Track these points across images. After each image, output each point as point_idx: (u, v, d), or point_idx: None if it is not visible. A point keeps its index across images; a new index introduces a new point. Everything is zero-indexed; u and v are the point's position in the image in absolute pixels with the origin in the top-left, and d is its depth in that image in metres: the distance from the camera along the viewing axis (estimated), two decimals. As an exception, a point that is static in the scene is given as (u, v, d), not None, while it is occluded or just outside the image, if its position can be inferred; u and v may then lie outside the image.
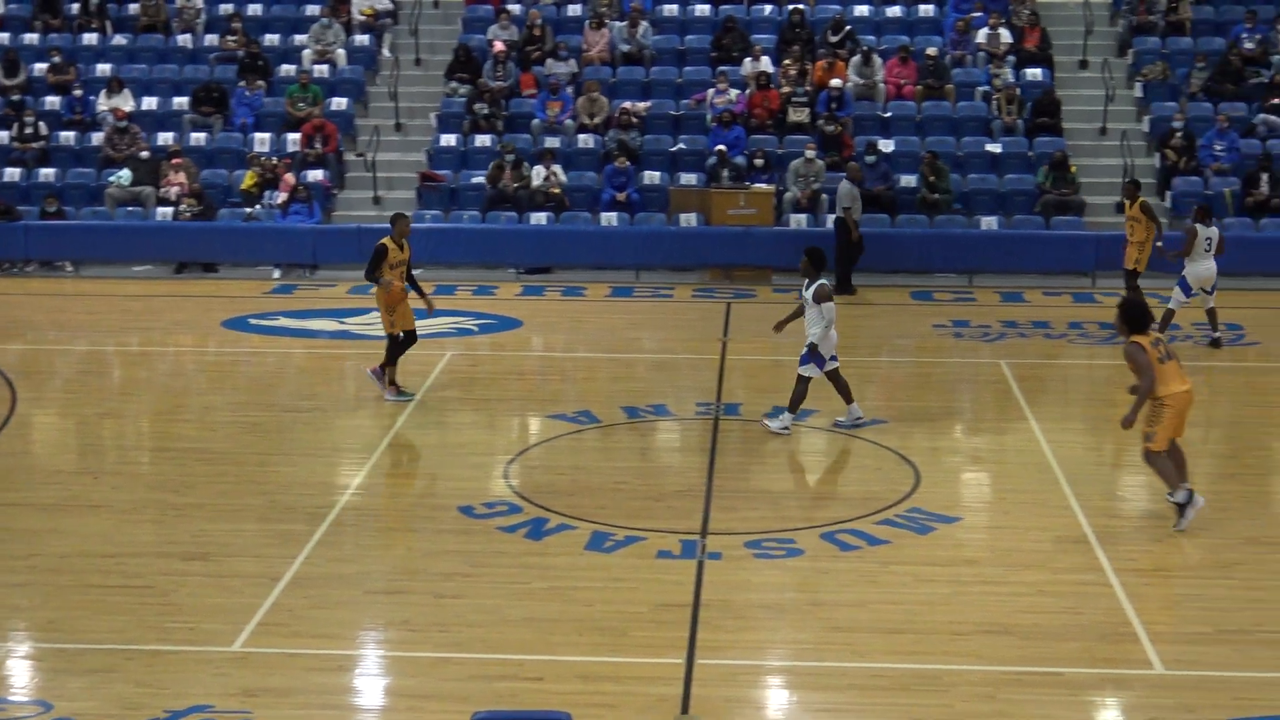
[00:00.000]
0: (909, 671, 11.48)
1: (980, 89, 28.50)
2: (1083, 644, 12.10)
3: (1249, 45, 28.59)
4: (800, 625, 12.34)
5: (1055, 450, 16.67)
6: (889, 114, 28.27)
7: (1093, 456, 16.89)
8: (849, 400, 17.34)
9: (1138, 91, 28.61)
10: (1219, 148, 26.57)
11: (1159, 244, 22.03)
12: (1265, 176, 25.70)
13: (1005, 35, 29.23)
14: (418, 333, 18.76)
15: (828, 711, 10.93)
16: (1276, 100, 27.42)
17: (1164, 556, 13.85)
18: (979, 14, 29.89)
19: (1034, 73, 28.75)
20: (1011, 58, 28.90)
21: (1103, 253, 25.00)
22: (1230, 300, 23.47)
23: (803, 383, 17.06)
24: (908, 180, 26.67)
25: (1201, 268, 20.85)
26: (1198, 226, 20.92)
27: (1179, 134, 26.60)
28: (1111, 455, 16.48)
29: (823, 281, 17.05)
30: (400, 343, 18.51)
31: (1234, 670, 11.62)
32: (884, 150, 26.86)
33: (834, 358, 17.17)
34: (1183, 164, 26.40)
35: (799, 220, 26.19)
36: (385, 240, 18.28)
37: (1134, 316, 14.48)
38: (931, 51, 28.86)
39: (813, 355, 16.94)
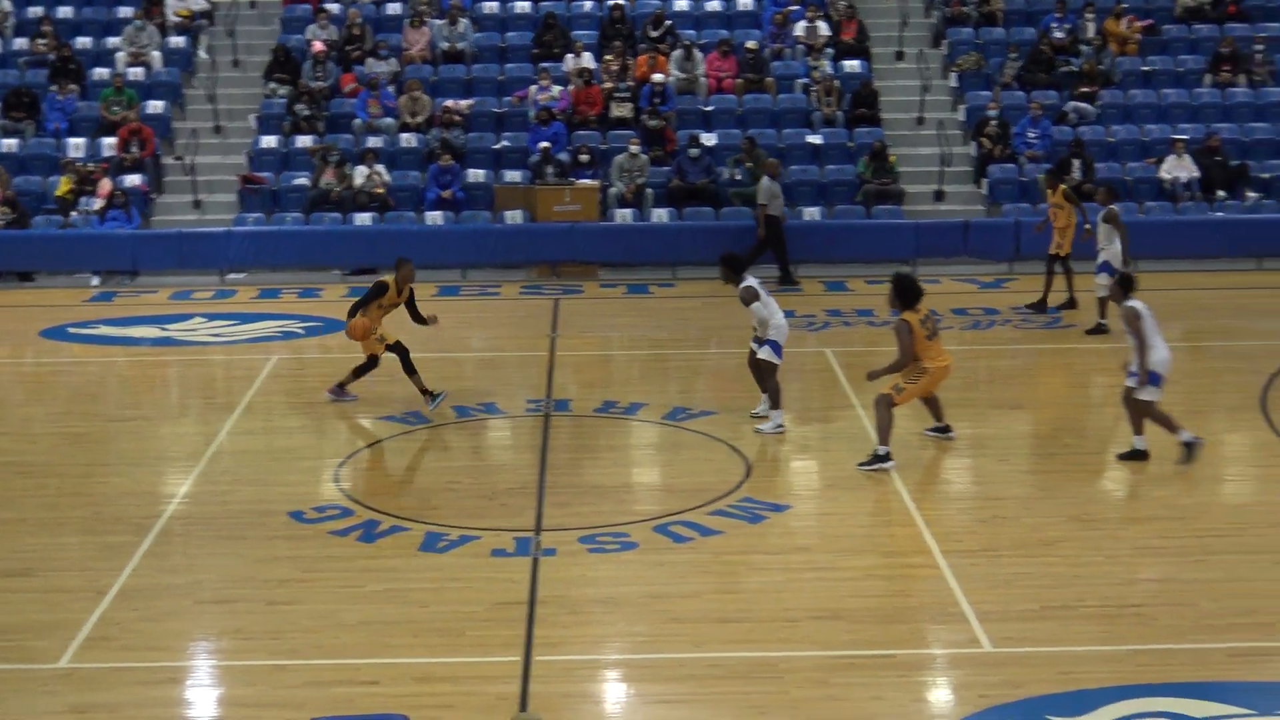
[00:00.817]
0: (745, 660, 11.59)
1: (800, 81, 28.82)
2: (913, 625, 12.32)
3: (1059, 35, 29.24)
4: (636, 618, 12.39)
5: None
6: (711, 108, 28.47)
7: (918, 440, 17.17)
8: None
9: (953, 81, 29.13)
10: (1032, 135, 27.15)
11: (1087, 227, 22.41)
12: (1077, 163, 26.30)
13: (823, 28, 29.59)
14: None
15: (666, 703, 11.00)
16: (1086, 88, 28.09)
17: (990, 537, 14.12)
18: (796, 7, 30.22)
19: (852, 65, 29.13)
20: (830, 50, 29.26)
21: (923, 240, 25.44)
22: (1041, 284, 24.00)
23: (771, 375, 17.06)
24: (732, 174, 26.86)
25: (1117, 248, 21.31)
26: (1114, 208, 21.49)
27: (994, 122, 27.13)
28: (937, 439, 16.77)
29: (746, 284, 16.97)
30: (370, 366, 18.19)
31: (1059, 645, 11.90)
32: (706, 144, 27.05)
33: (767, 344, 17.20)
34: (998, 151, 26.93)
35: (624, 215, 26.29)
36: (388, 279, 17.87)
37: (907, 292, 15.44)
38: (751, 45, 29.11)
39: (775, 348, 16.91)
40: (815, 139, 27.59)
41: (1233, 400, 18.50)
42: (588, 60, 29.09)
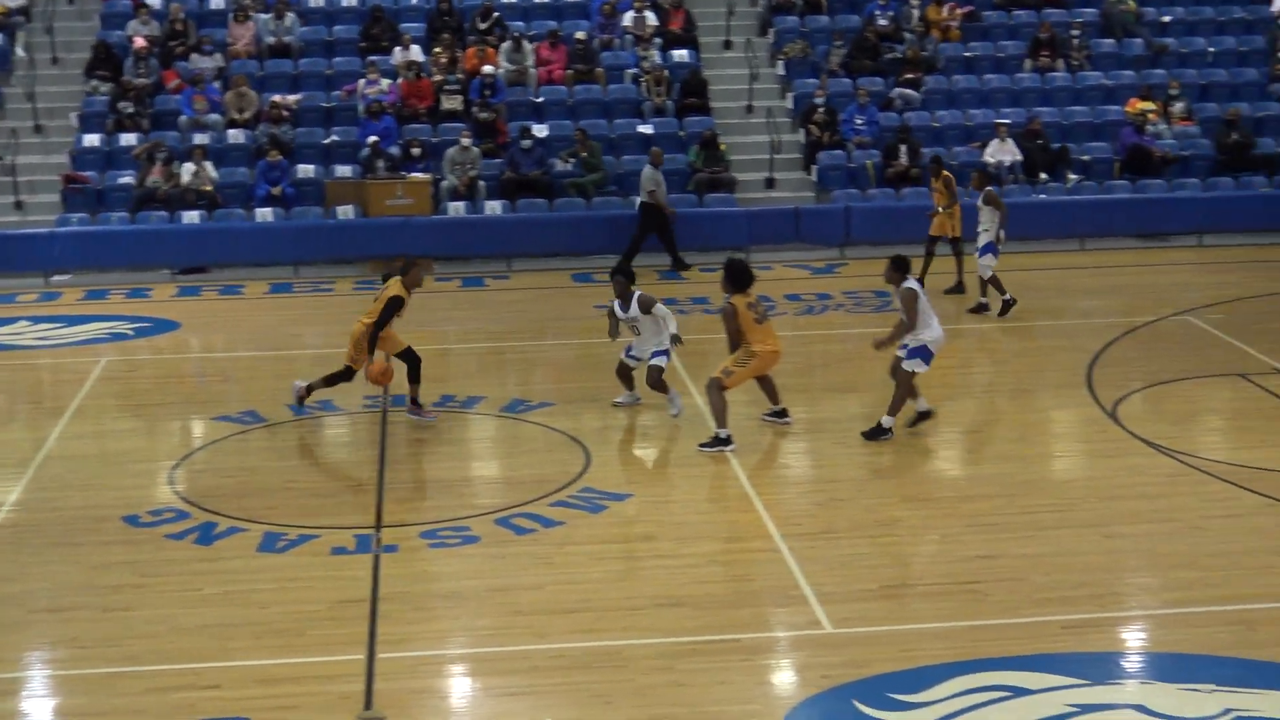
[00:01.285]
0: (589, 649, 11.62)
1: (629, 71, 28.90)
2: (755, 610, 12.44)
3: (883, 22, 29.63)
4: (480, 611, 12.37)
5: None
6: (541, 99, 28.45)
7: (755, 426, 17.31)
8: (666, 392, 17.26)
9: (780, 70, 29.37)
10: (860, 121, 27.49)
11: (942, 210, 23.00)
12: (904, 148, 26.68)
13: (651, 18, 29.68)
14: None
15: (512, 695, 10.99)
16: (911, 74, 28.48)
17: (828, 519, 14.29)
18: (624, -2, 30.32)
19: (680, 54, 29.26)
20: (658, 40, 29.36)
21: (755, 227, 25.63)
22: (875, 269, 24.31)
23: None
24: (564, 166, 26.83)
25: (999, 230, 21.76)
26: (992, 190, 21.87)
27: (821, 109, 27.40)
28: (773, 424, 16.92)
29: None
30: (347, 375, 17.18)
31: (898, 624, 12.09)
32: (538, 135, 27.02)
33: (660, 353, 17.08)
34: (826, 138, 27.22)
35: (457, 208, 26.16)
36: (399, 291, 16.71)
37: (737, 276, 15.77)
38: (580, 35, 29.11)
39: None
40: (646, 129, 27.68)
41: (1060, 378, 18.89)
42: (416, 53, 28.89)
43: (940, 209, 22.95)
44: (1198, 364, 19.26)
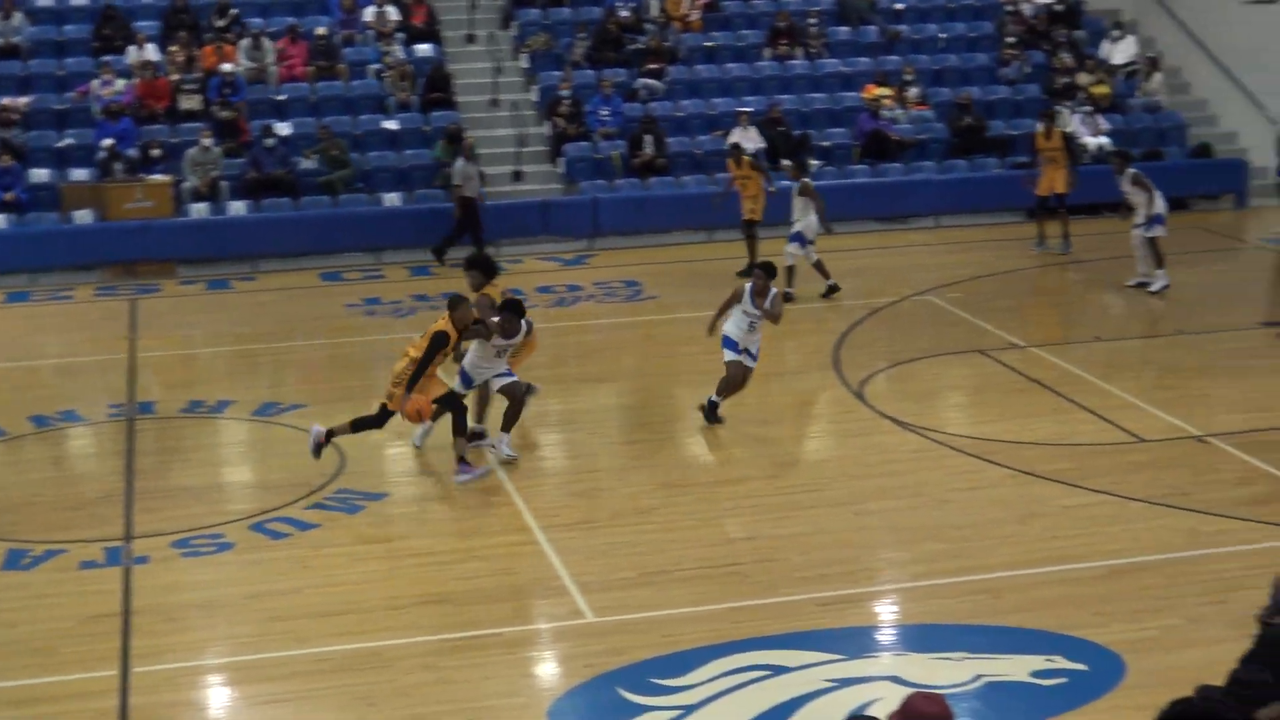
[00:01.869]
0: (351, 651, 11.53)
1: (372, 67, 28.60)
2: (517, 603, 12.47)
3: (625, 13, 29.80)
4: (237, 619, 12.17)
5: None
6: (283, 96, 28.00)
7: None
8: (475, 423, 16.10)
9: (524, 62, 29.38)
10: (605, 113, 27.61)
11: (772, 189, 23.46)
12: (649, 138, 26.88)
13: (393, 13, 29.42)
14: None
15: (273, 703, 10.85)
16: (653, 65, 28.72)
17: (586, 509, 14.37)
18: (364, -8, 30.00)
19: (424, 49, 29.05)
20: (400, 35, 29.12)
21: (503, 220, 25.53)
22: (624, 259, 24.55)
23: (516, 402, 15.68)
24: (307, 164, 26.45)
25: (813, 220, 21.86)
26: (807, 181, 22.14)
27: (566, 101, 27.49)
28: (527, 416, 16.94)
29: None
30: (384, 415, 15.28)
31: (659, 609, 12.22)
32: (281, 133, 26.60)
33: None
34: (572, 130, 27.30)
35: (200, 210, 25.61)
36: (445, 327, 14.81)
37: (485, 268, 15.74)
38: (321, 31, 28.72)
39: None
40: (391, 124, 27.45)
41: (808, 360, 19.26)
42: (152, 52, 28.19)
43: (746, 193, 23.32)
44: (938, 342, 19.80)
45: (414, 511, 14.58)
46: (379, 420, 15.19)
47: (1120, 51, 29.99)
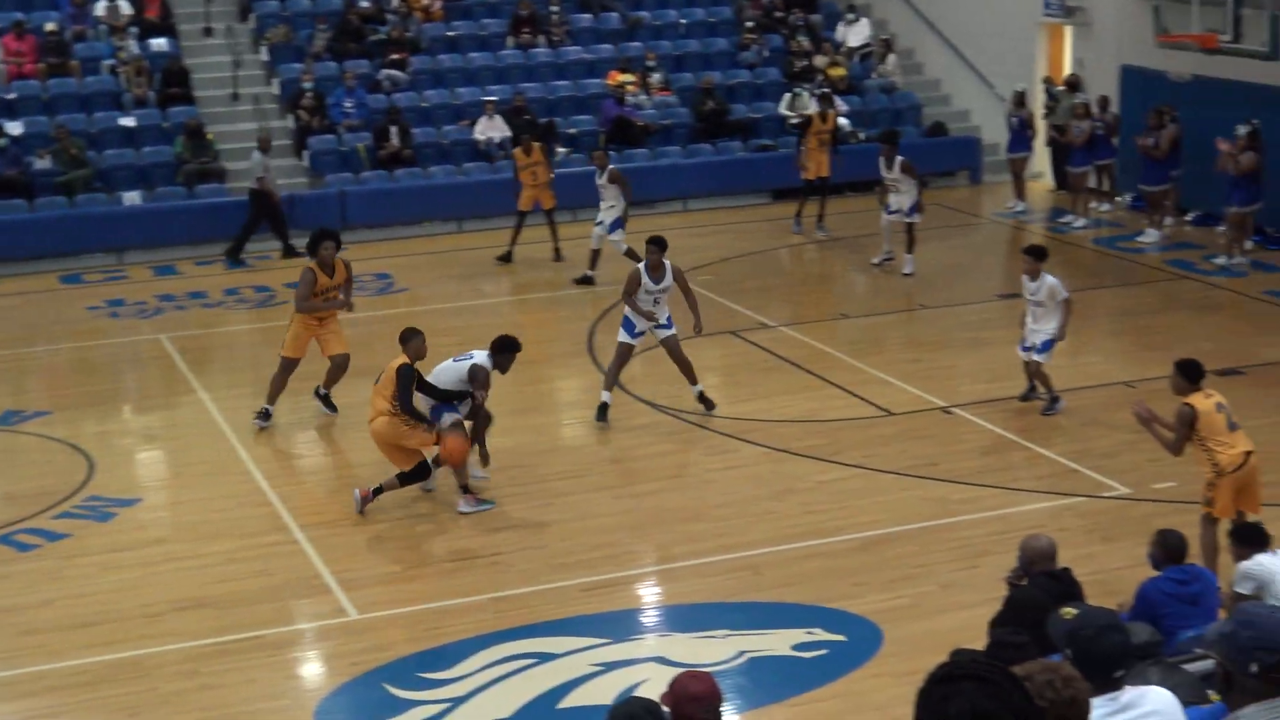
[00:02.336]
0: (108, 662, 11.28)
1: (106, 63, 27.84)
2: (277, 604, 12.31)
3: (365, 4, 29.47)
4: (-13, 636, 11.79)
5: (227, 417, 16.72)
6: (13, 95, 27.08)
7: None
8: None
9: (264, 55, 28.87)
10: (348, 105, 27.28)
11: (550, 175, 23.65)
12: (394, 129, 26.65)
13: (125, 7, 28.65)
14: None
15: (32, 719, 10.54)
16: (396, 55, 28.47)
17: (346, 506, 14.21)
18: (93, -14, 29.17)
19: (159, 43, 28.35)
20: (134, 29, 28.40)
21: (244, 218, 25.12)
22: (375, 251, 24.32)
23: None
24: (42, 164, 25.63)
25: (623, 205, 22.01)
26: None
27: (309, 94, 27.08)
28: (280, 414, 16.69)
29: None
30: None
31: (423, 603, 12.19)
32: (12, 133, 25.73)
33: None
34: (316, 123, 26.92)
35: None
36: (404, 360, 14.01)
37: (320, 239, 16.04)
38: (51, 27, 27.85)
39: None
40: (128, 121, 26.73)
41: (564, 347, 19.33)
42: None
43: (539, 181, 23.20)
44: (691, 324, 19.98)
45: (169, 516, 14.29)
46: (422, 472, 14.03)
47: (855, 34, 30.64)
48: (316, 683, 11.23)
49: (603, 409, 16.24)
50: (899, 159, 21.56)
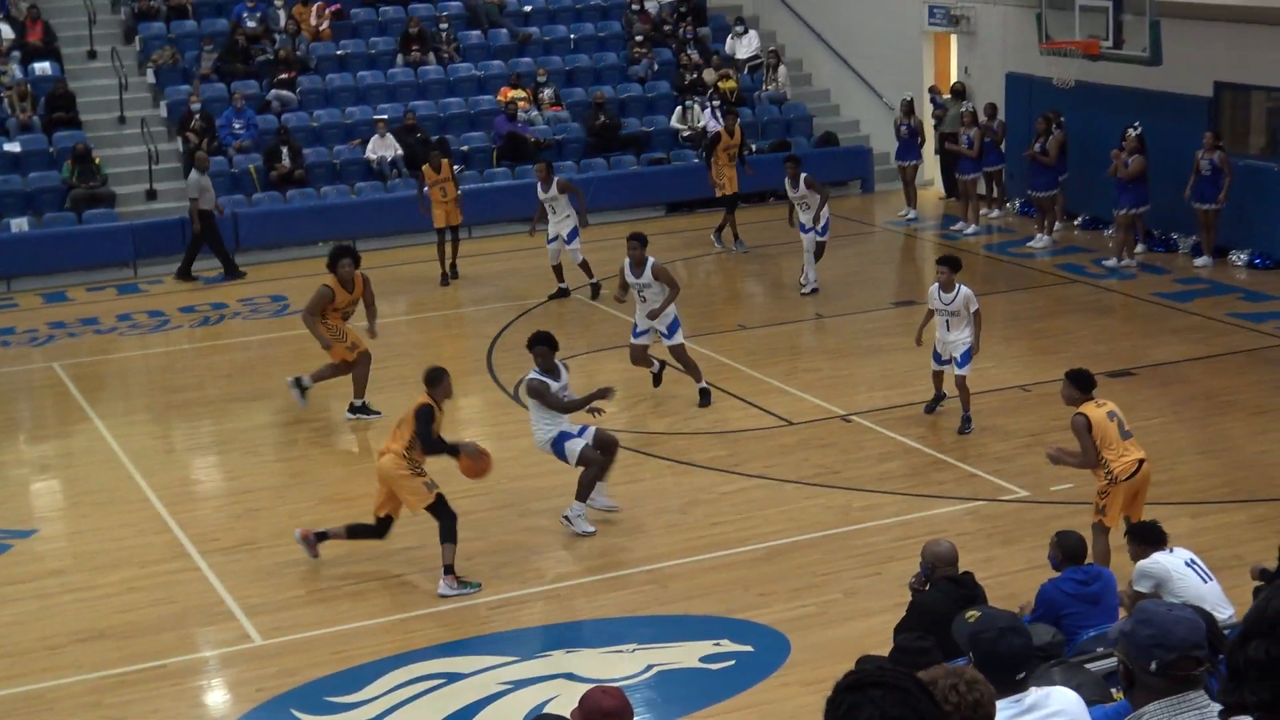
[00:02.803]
0: (9, 697, 11.16)
1: (-10, 87, 27.50)
2: (180, 632, 12.20)
3: (251, 24, 29.30)
4: (-118, 674, 11.59)
5: (123, 444, 16.55)
6: (-107, 122, 26.68)
7: (161, 445, 16.93)
8: None
9: (151, 78, 28.60)
10: (238, 126, 27.09)
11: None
12: (285, 149, 26.50)
13: (7, 31, 28.31)
14: None
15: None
16: (284, 75, 28.31)
17: (247, 531, 14.13)
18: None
19: (43, 67, 28.02)
20: (16, 53, 28.05)
21: (141, 241, 24.87)
22: (269, 273, 24.16)
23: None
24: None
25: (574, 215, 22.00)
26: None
27: (197, 116, 26.86)
28: (178, 440, 16.55)
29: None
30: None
31: (328, 626, 12.13)
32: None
33: None
34: (205, 145, 26.72)
35: None
36: (427, 400, 13.07)
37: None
38: (-71, 53, 27.49)
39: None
40: (13, 147, 26.38)
41: (463, 365, 19.25)
42: None
43: (448, 198, 23.05)
44: (590, 339, 20.06)
45: (66, 546, 14.10)
46: (449, 517, 12.96)
47: (744, 47, 30.83)
48: (223, 710, 11.14)
49: (704, 394, 16.90)
50: (803, 176, 21.58)
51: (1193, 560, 9.94)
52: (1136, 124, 22.36)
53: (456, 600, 12.44)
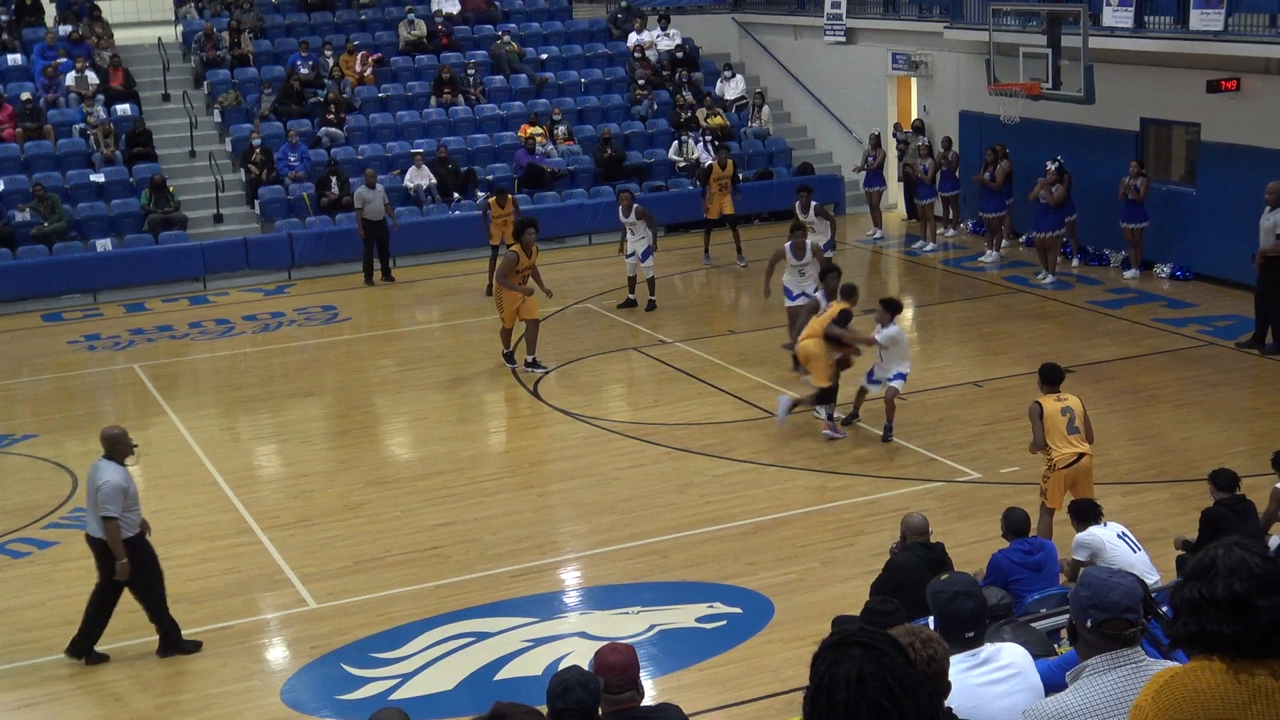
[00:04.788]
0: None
1: (77, 126, 27.46)
2: (245, 597, 12.17)
3: (305, 71, 29.27)
4: (-14, 635, 11.57)
5: (195, 434, 16.55)
6: (-5, 157, 26.63)
7: (228, 435, 16.92)
8: None
9: (217, 117, 28.59)
10: (293, 159, 27.06)
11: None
12: (334, 179, 26.47)
13: (92, 77, 28.28)
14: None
15: (30, 706, 10.41)
16: (333, 115, 28.29)
17: (302, 510, 14.11)
18: (64, 60, 28.74)
19: (123, 108, 28.00)
20: (101, 96, 28.03)
21: (209, 258, 24.87)
22: (320, 286, 24.15)
23: None
24: (21, 216, 25.19)
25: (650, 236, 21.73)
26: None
27: (258, 150, 26.86)
28: (242, 431, 16.52)
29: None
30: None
31: (373, 593, 12.10)
32: (-6, 190, 25.29)
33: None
34: (264, 175, 26.70)
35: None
36: (845, 305, 15.70)
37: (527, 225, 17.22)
38: (26, 96, 27.43)
39: None
40: (98, 178, 26.38)
41: (489, 366, 19.26)
42: None
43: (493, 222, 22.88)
44: (598, 343, 20.03)
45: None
46: (831, 394, 15.53)
47: (732, 89, 30.78)
48: (282, 665, 11.12)
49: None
50: (814, 204, 21.29)
51: (1124, 533, 9.92)
52: (1058, 157, 22.35)
53: (483, 569, 12.42)
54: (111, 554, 10.74)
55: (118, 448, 10.96)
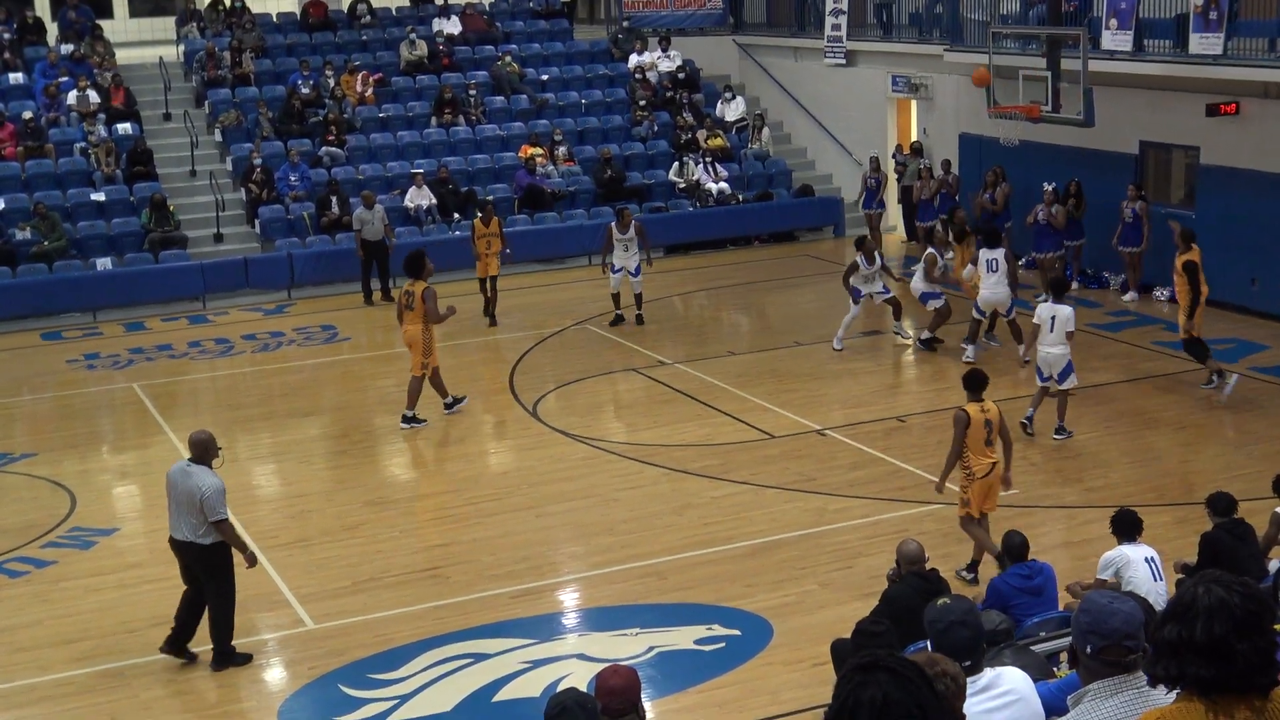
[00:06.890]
0: (93, 674, 11.10)
1: (78, 145, 27.48)
2: (243, 617, 12.05)
3: (305, 90, 29.31)
4: (-17, 654, 11.53)
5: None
6: (-4, 175, 26.65)
7: (226, 454, 16.73)
8: None
9: (218, 136, 28.62)
10: (293, 178, 27.08)
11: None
12: (334, 199, 26.48)
13: (93, 96, 28.32)
14: None
15: (22, 727, 10.33)
16: (334, 134, 28.32)
17: (300, 529, 14.08)
18: (66, 79, 28.78)
19: (124, 127, 28.03)
20: (102, 115, 28.06)
21: (209, 278, 24.87)
22: (319, 306, 24.15)
23: None
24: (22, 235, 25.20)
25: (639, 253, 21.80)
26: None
27: (258, 169, 26.88)
28: (241, 450, 16.49)
29: None
30: None
31: (371, 613, 12.07)
32: (-5, 208, 25.30)
33: None
34: (265, 195, 26.71)
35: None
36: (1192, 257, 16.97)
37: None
38: (27, 115, 27.46)
39: None
40: (99, 196, 26.39)
41: (488, 386, 19.25)
42: None
43: (484, 252, 22.69)
44: (598, 364, 20.01)
45: (143, 543, 14.04)
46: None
47: (732, 111, 30.83)
48: (279, 685, 11.08)
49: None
50: (878, 252, 20.77)
51: (1152, 558, 9.86)
52: (1052, 181, 22.40)
53: (480, 590, 12.39)
54: (201, 558, 10.91)
55: (209, 451, 11.06)
